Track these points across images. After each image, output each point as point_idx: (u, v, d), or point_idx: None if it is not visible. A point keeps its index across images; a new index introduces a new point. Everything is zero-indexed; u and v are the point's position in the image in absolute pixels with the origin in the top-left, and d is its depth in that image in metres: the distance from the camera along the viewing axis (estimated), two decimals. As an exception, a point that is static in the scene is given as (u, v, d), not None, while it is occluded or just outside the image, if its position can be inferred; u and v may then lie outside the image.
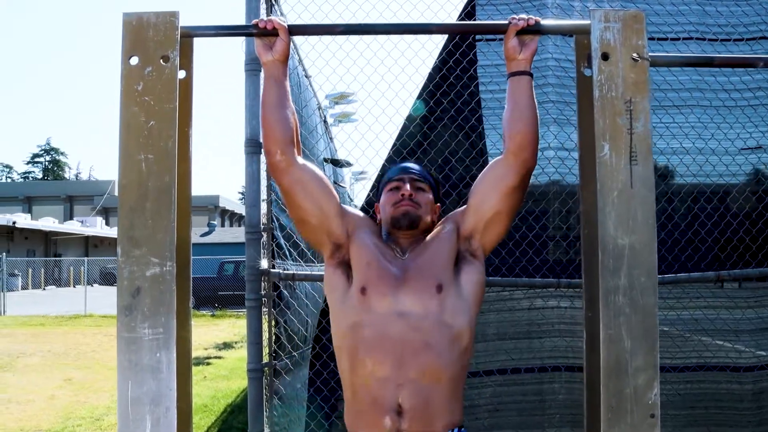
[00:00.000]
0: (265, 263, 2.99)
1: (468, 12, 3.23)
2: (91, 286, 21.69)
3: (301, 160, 1.76)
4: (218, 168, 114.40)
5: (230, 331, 11.88)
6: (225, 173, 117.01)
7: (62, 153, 62.83)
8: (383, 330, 1.67)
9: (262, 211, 3.03)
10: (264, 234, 3.02)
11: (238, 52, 2.95)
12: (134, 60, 1.49)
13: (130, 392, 1.39)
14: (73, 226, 31.45)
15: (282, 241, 3.18)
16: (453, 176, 3.20)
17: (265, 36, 1.64)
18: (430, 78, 3.23)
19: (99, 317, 14.07)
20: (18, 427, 5.18)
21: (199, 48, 1.65)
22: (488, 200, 1.76)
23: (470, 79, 3.23)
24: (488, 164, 1.82)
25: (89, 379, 7.16)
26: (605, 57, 1.53)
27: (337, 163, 4.77)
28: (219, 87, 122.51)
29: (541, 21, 1.65)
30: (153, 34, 1.49)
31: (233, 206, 42.92)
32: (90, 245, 34.08)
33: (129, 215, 1.45)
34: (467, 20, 3.19)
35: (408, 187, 1.81)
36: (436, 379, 1.67)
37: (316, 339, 3.23)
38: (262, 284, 2.97)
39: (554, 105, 3.21)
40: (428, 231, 1.84)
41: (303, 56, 3.55)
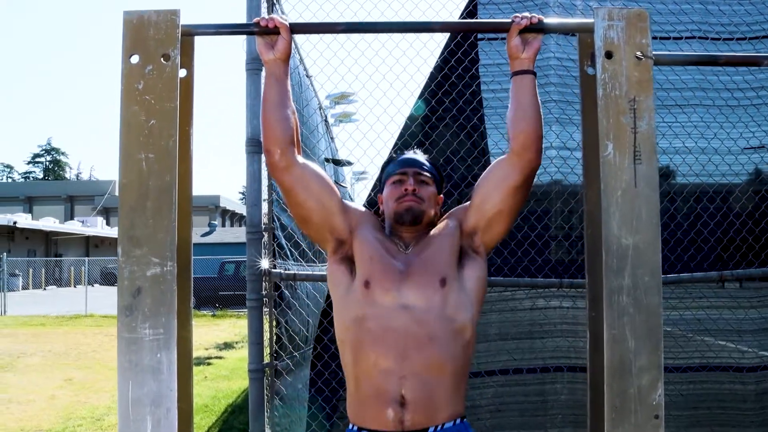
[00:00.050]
0: (266, 263, 2.98)
1: (470, 11, 3.23)
2: (92, 286, 21.70)
3: (302, 159, 1.75)
4: (219, 168, 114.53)
5: (231, 331, 11.88)
6: (226, 173, 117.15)
7: (63, 153, 62.88)
8: (387, 323, 1.68)
9: (263, 211, 3.02)
10: (265, 234, 3.01)
11: (240, 52, 2.94)
12: (135, 58, 1.48)
13: (131, 393, 1.38)
14: (74, 226, 31.47)
15: (283, 241, 3.17)
16: (455, 176, 3.19)
17: (267, 34, 1.63)
18: (432, 77, 3.23)
19: (100, 317, 14.07)
20: (18, 427, 5.18)
21: (200, 47, 1.64)
22: (491, 199, 1.75)
23: (472, 78, 3.22)
24: (492, 163, 1.81)
25: (90, 379, 7.15)
26: (609, 55, 1.52)
27: (339, 163, 4.76)
28: (220, 86, 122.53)
29: (544, 19, 1.64)
30: (154, 33, 1.48)
31: (234, 206, 42.94)
32: (91, 245, 34.10)
33: (129, 215, 1.44)
34: (469, 19, 3.18)
35: (411, 182, 1.81)
36: (440, 372, 1.67)
37: (318, 339, 3.22)
38: (264, 284, 2.96)
39: (556, 104, 3.20)
40: (431, 225, 1.84)
41: (304, 55, 3.54)
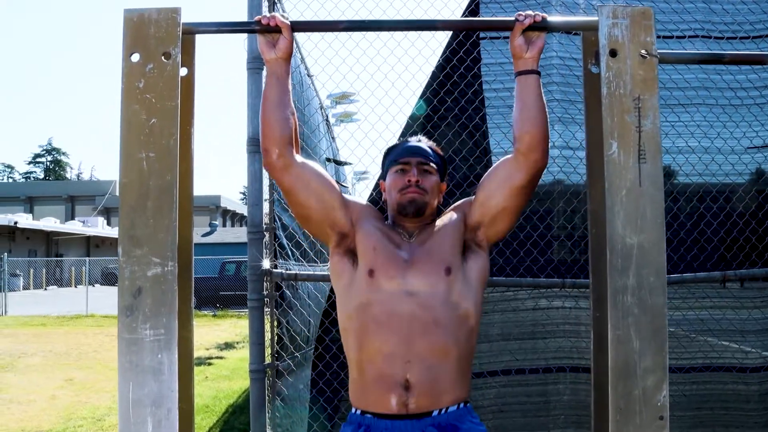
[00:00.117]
0: (268, 263, 2.97)
1: (472, 10, 3.21)
2: (93, 287, 21.70)
3: (300, 158, 1.74)
4: (219, 168, 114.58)
5: (232, 331, 11.87)
6: (226, 173, 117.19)
7: (64, 153, 62.85)
8: (391, 308, 1.68)
9: (265, 211, 3.01)
10: (266, 234, 3.00)
11: (241, 51, 2.93)
12: (135, 57, 1.47)
13: (131, 394, 1.37)
14: (75, 226, 31.49)
15: (284, 241, 3.16)
16: (457, 175, 3.17)
17: (268, 33, 1.62)
18: (434, 76, 3.21)
19: (100, 317, 14.06)
20: (19, 428, 5.17)
21: (201, 45, 1.63)
22: (495, 196, 1.75)
23: (474, 78, 3.20)
24: (498, 161, 1.80)
25: (91, 380, 7.14)
26: (613, 54, 1.51)
27: (340, 163, 4.75)
28: (221, 85, 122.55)
29: (548, 17, 1.63)
30: (154, 31, 1.47)
31: (235, 206, 42.94)
32: (91, 245, 34.11)
33: (130, 214, 1.43)
34: (471, 18, 3.16)
35: (415, 172, 1.79)
36: (444, 356, 1.67)
37: (319, 340, 3.21)
38: (265, 284, 2.95)
39: (559, 103, 3.18)
40: (434, 214, 1.84)
41: (305, 55, 3.53)
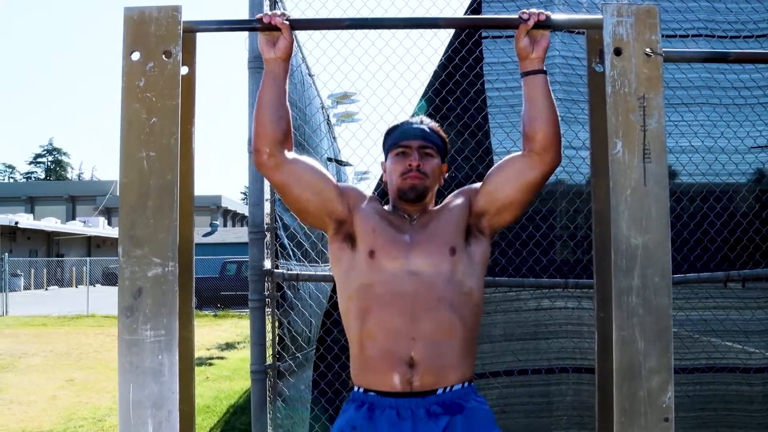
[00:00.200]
0: (269, 263, 2.96)
1: (474, 9, 3.20)
2: (94, 287, 21.70)
3: (291, 155, 1.71)
4: (220, 168, 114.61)
5: (233, 332, 11.87)
6: (227, 173, 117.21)
7: (65, 153, 62.89)
8: (394, 287, 1.67)
9: (266, 211, 3.00)
10: (267, 234, 2.99)
11: (242, 49, 2.92)
12: (136, 55, 1.46)
13: (132, 395, 1.36)
14: (76, 227, 31.49)
15: (285, 241, 3.15)
16: (459, 175, 3.16)
17: (269, 30, 1.61)
18: (436, 76, 3.20)
19: (101, 317, 14.06)
20: (20, 428, 5.16)
21: (202, 44, 1.62)
22: (505, 189, 1.73)
23: (476, 77, 3.19)
24: (509, 155, 1.77)
25: (91, 380, 7.13)
26: (618, 52, 1.50)
27: (341, 163, 4.75)
28: (222, 84, 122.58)
29: (552, 16, 1.61)
30: (155, 29, 1.46)
31: (235, 206, 42.94)
32: (92, 245, 34.12)
33: (130, 214, 1.42)
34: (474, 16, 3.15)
35: (416, 156, 1.77)
36: (449, 334, 1.66)
37: (320, 340, 3.20)
38: (266, 284, 2.94)
39: (561, 103, 3.17)
40: (435, 196, 1.83)
41: (306, 54, 3.52)
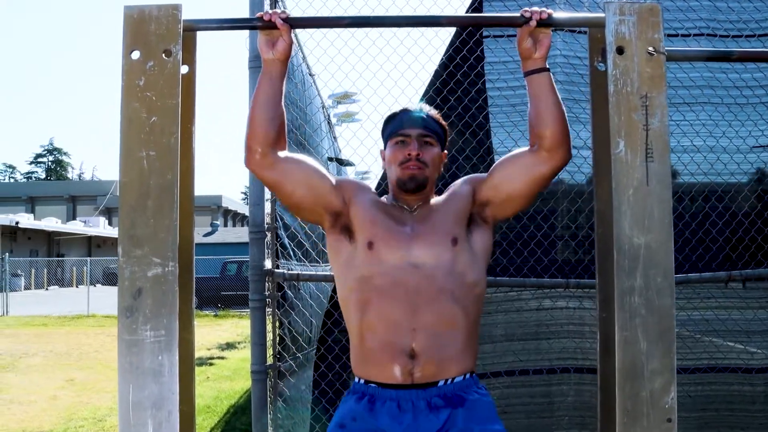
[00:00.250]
0: (269, 263, 2.95)
1: (475, 8, 3.19)
2: (94, 287, 21.69)
3: (283, 154, 1.69)
4: (221, 168, 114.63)
5: (233, 331, 11.86)
6: (228, 173, 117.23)
7: (65, 153, 62.90)
8: (395, 279, 1.65)
9: (266, 211, 2.99)
10: (268, 233, 2.98)
11: (242, 48, 2.91)
12: (135, 54, 1.45)
13: (131, 396, 1.36)
14: (76, 226, 31.50)
15: (286, 241, 3.14)
16: (460, 174, 3.14)
17: (270, 29, 1.60)
18: (437, 75, 3.19)
19: (102, 317, 14.05)
20: (20, 428, 5.15)
21: (202, 43, 1.61)
22: (513, 182, 1.71)
23: (477, 76, 3.18)
24: (518, 149, 1.75)
25: (92, 380, 7.13)
26: (620, 51, 1.49)
27: (342, 162, 4.74)
28: (223, 83, 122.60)
29: (554, 14, 1.60)
30: (155, 28, 1.46)
31: (236, 206, 42.93)
32: (93, 245, 34.13)
33: (130, 214, 1.41)
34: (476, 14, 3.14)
35: (415, 146, 1.74)
36: (451, 325, 1.65)
37: (321, 340, 3.19)
38: (266, 284, 2.93)
39: (563, 102, 3.16)
40: (435, 185, 1.82)
41: (307, 53, 3.51)
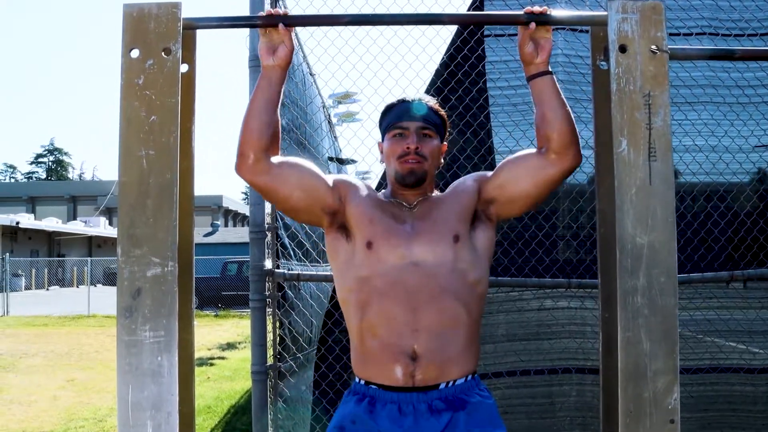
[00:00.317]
0: (270, 263, 2.94)
1: (476, 7, 3.18)
2: (95, 287, 21.68)
3: (276, 159, 1.66)
4: (221, 168, 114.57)
5: (234, 332, 11.86)
6: (228, 173, 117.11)
7: (66, 153, 62.98)
8: (396, 278, 1.63)
9: (267, 211, 2.98)
10: (268, 233, 2.98)
11: (242, 48, 2.90)
12: (135, 53, 1.44)
13: (131, 397, 1.35)
14: (77, 227, 31.51)
15: (286, 241, 3.13)
16: (461, 174, 3.14)
17: (270, 27, 1.58)
18: (438, 74, 3.18)
19: (102, 317, 14.06)
20: (20, 428, 5.15)
21: (202, 41, 1.60)
22: (520, 182, 1.69)
23: (479, 75, 3.17)
24: (525, 150, 1.72)
25: (92, 380, 7.12)
26: (623, 49, 1.48)
27: (342, 162, 4.73)
28: (223, 82, 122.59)
29: (556, 12, 1.60)
30: (154, 26, 1.45)
31: (237, 206, 42.92)
32: (93, 245, 34.14)
33: (129, 213, 1.40)
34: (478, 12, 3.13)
35: (414, 139, 1.71)
36: (453, 325, 1.63)
37: (322, 341, 3.18)
38: (267, 284, 2.92)
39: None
40: (434, 179, 1.80)
41: (308, 53, 3.50)
